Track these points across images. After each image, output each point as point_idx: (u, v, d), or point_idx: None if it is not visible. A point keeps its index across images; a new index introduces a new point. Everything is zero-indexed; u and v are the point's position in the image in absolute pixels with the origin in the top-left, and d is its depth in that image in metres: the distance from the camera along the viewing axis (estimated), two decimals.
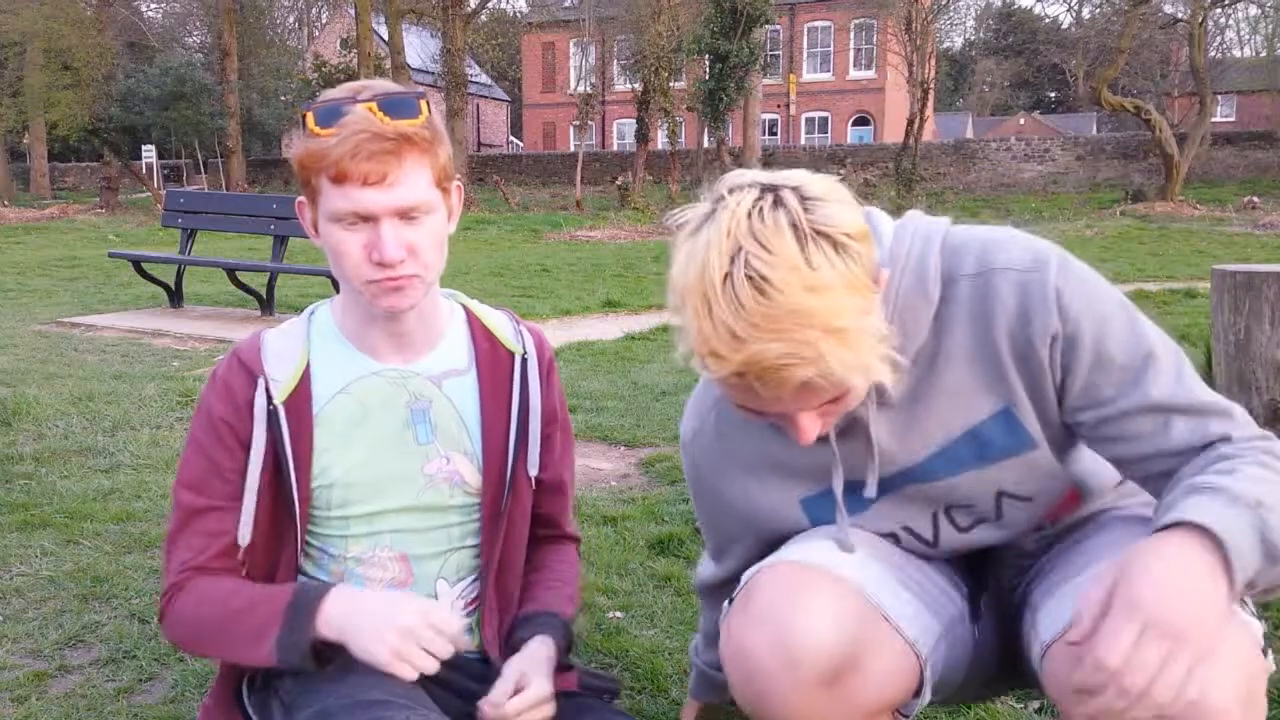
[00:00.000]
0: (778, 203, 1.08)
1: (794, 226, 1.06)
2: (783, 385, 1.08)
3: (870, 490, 1.31)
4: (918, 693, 1.32)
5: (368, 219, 1.30)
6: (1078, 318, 1.19)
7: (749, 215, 1.07)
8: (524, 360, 1.52)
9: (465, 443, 1.48)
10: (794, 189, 1.09)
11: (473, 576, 1.53)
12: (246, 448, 1.40)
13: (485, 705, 1.36)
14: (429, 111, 1.33)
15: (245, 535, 1.41)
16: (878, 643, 1.26)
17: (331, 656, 1.34)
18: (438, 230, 1.36)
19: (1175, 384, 1.18)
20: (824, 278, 1.05)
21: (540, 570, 1.60)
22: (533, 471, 1.52)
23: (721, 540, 1.55)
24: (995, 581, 1.47)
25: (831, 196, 1.10)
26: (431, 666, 1.32)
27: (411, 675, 1.31)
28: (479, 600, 1.53)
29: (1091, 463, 1.34)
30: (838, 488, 1.31)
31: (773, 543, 1.42)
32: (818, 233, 1.06)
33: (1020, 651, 1.36)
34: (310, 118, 1.30)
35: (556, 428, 1.57)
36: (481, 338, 1.51)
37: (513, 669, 1.40)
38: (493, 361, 1.50)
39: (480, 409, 1.48)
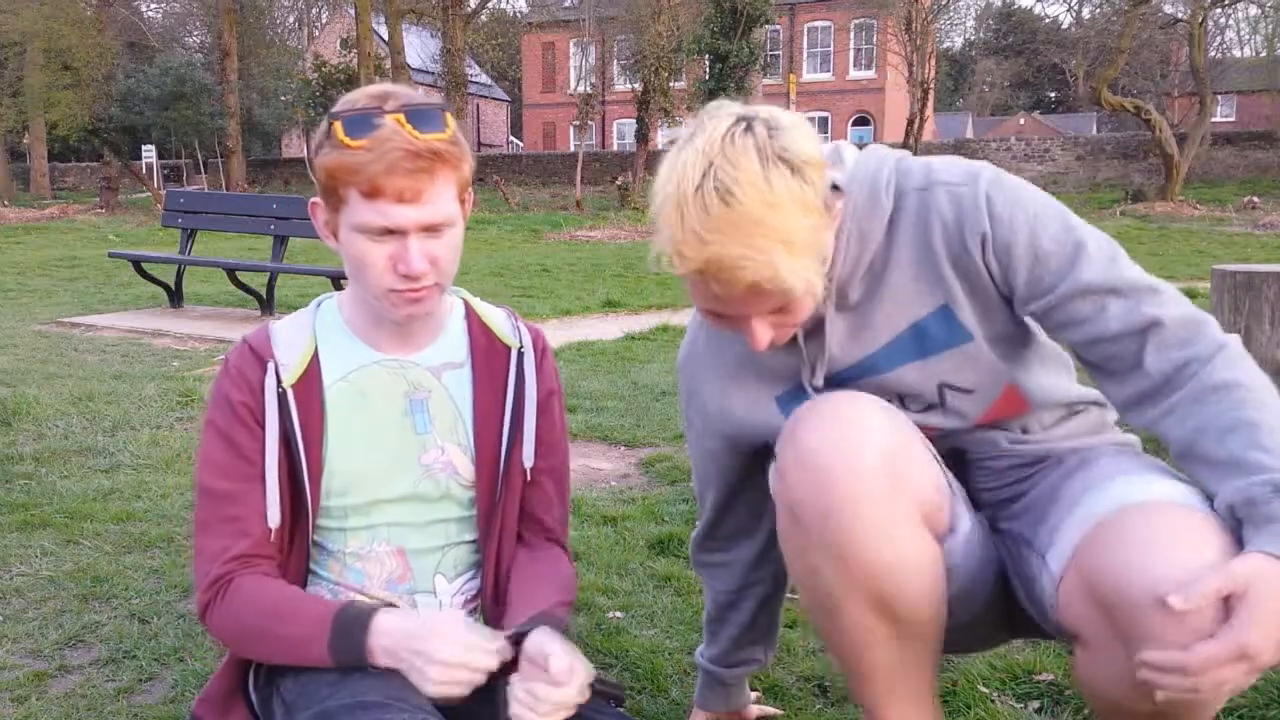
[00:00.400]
0: (748, 129, 1.23)
1: (759, 150, 1.21)
2: (735, 285, 1.23)
3: (817, 380, 1.45)
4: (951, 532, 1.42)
5: (395, 232, 1.32)
6: (1010, 221, 1.33)
7: (722, 138, 1.23)
8: (520, 354, 1.53)
9: (460, 434, 1.49)
10: (764, 120, 1.24)
11: (470, 573, 1.53)
12: (259, 425, 1.42)
13: (547, 677, 1.26)
14: (453, 124, 1.33)
15: (274, 517, 1.42)
16: (919, 455, 1.37)
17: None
18: (457, 241, 1.38)
19: (1107, 268, 1.32)
20: (780, 195, 1.20)
21: (526, 579, 1.52)
22: (527, 463, 1.52)
23: (704, 466, 1.67)
24: (977, 496, 1.55)
25: (796, 129, 1.25)
26: (476, 682, 1.30)
27: (461, 693, 1.29)
28: (479, 596, 1.54)
29: (1041, 374, 1.48)
30: (806, 379, 1.46)
31: (750, 457, 1.59)
32: (779, 157, 1.22)
33: (1018, 587, 1.46)
34: (339, 127, 1.30)
35: (555, 399, 1.57)
36: (479, 332, 1.53)
37: (557, 647, 1.29)
38: (488, 355, 1.52)
39: (474, 401, 1.50)
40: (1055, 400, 1.49)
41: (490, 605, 1.53)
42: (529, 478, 1.54)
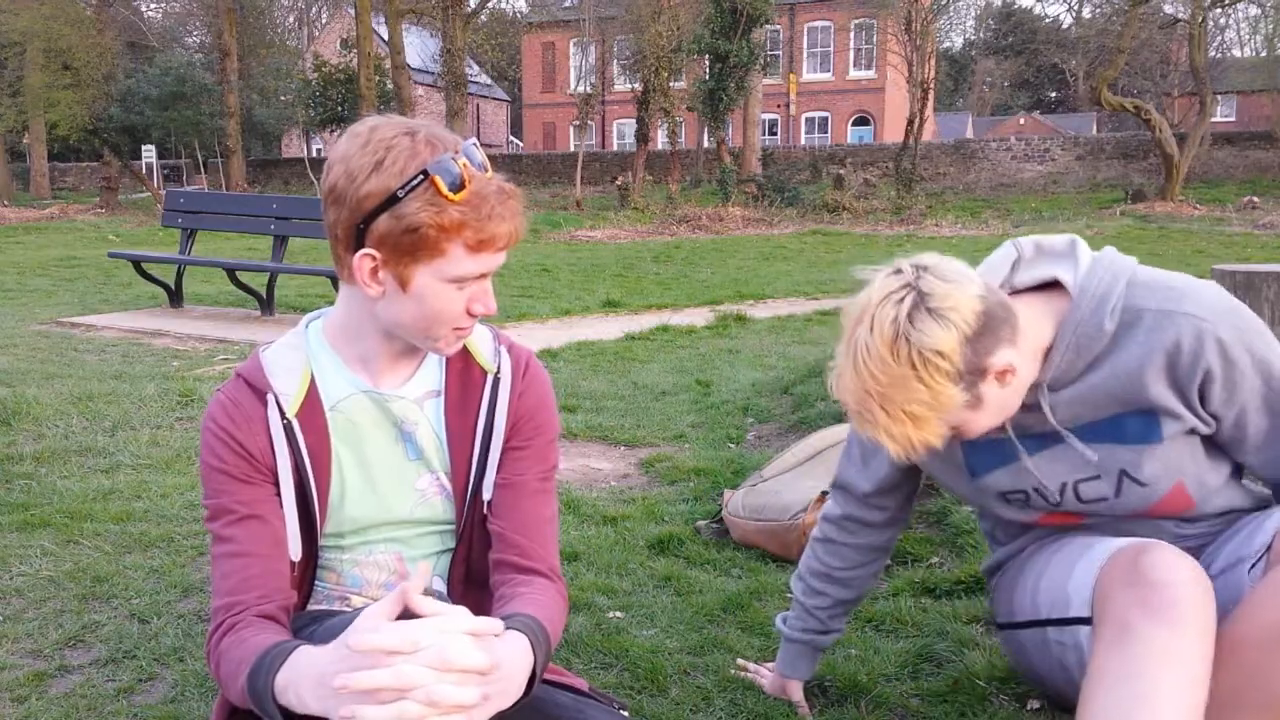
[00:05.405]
0: (900, 300, 1.41)
1: (894, 324, 1.40)
2: (864, 430, 1.49)
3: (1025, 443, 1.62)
4: None
5: (482, 275, 1.32)
6: (1236, 360, 1.49)
7: (879, 302, 1.42)
8: (496, 380, 1.48)
9: (446, 461, 1.47)
10: (916, 293, 1.41)
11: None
12: (261, 459, 1.39)
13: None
14: (479, 152, 1.31)
15: (295, 550, 1.41)
16: None
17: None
18: None
19: None
20: (898, 372, 1.40)
21: (512, 602, 1.40)
22: (485, 496, 1.48)
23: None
24: None
25: (944, 307, 1.40)
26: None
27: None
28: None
29: (1211, 476, 1.62)
30: (1017, 442, 1.63)
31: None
32: (909, 341, 1.39)
33: None
34: (441, 183, 1.25)
35: (536, 435, 1.50)
36: (456, 356, 1.49)
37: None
38: (464, 382, 1.48)
39: (446, 429, 1.47)
40: (1219, 505, 1.64)
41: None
42: (488, 510, 1.48)
